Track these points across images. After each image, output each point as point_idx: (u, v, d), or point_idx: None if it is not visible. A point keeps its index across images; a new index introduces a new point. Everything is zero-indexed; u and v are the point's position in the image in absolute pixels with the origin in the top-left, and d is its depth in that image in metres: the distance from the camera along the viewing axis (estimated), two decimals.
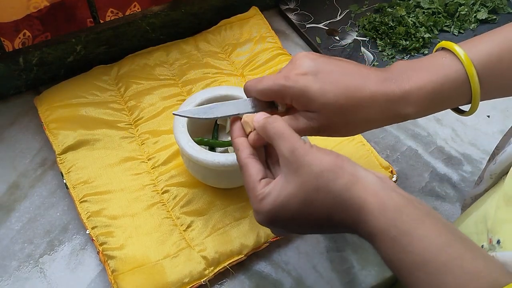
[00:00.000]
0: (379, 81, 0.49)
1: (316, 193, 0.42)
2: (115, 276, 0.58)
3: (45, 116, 0.71)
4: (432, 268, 0.37)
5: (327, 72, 0.48)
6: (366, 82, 0.48)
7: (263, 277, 0.61)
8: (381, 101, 0.48)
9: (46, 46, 0.74)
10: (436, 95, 0.48)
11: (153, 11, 0.80)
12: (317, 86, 0.48)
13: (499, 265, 0.37)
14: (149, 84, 0.76)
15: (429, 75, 0.48)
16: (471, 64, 0.48)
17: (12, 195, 0.66)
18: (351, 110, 0.48)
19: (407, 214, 0.39)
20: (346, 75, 0.49)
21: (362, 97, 0.48)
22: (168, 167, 0.67)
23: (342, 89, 0.48)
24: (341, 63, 0.50)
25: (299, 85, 0.48)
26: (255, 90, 0.51)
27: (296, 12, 0.90)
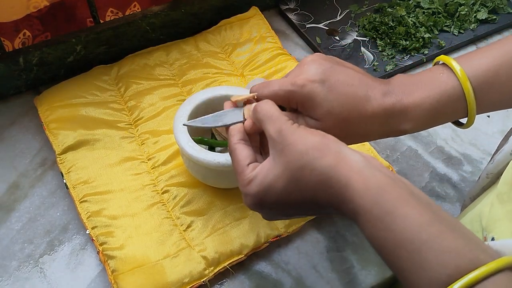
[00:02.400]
0: (381, 94, 0.49)
1: (301, 172, 0.43)
2: (115, 276, 0.58)
3: (45, 116, 0.71)
4: (414, 246, 0.37)
5: (334, 81, 0.49)
6: (370, 95, 0.49)
7: (263, 277, 0.61)
8: (382, 116, 0.49)
9: (46, 46, 0.74)
10: (433, 111, 0.49)
11: (153, 11, 0.80)
12: (323, 94, 0.48)
13: (481, 244, 0.38)
14: (149, 84, 0.76)
15: (427, 91, 0.49)
16: (467, 80, 0.48)
17: (12, 195, 0.66)
18: (353, 122, 0.49)
19: (390, 193, 0.40)
20: (352, 86, 0.49)
21: (365, 111, 0.48)
22: (168, 167, 0.67)
23: (347, 100, 0.48)
24: (348, 72, 0.50)
25: (306, 91, 0.48)
26: (261, 95, 0.51)
27: (296, 12, 0.90)
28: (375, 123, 0.49)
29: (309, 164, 0.42)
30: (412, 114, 0.49)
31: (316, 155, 0.42)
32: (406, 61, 0.83)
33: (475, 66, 0.49)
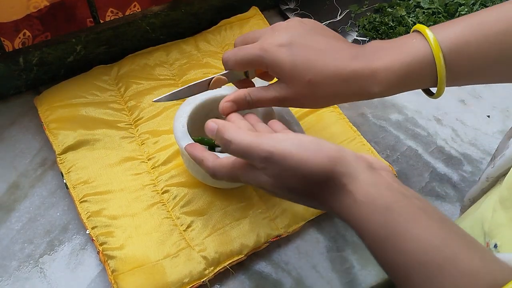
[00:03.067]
0: (350, 58, 0.50)
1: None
2: (115, 276, 0.58)
3: (45, 116, 0.71)
4: (428, 269, 0.36)
5: (301, 47, 0.51)
6: (336, 58, 0.50)
7: (263, 277, 0.61)
8: (348, 78, 0.50)
9: (46, 46, 0.74)
10: (402, 76, 0.50)
11: (153, 11, 0.80)
12: (289, 59, 0.50)
13: (497, 263, 0.36)
14: (149, 84, 0.76)
15: (397, 55, 0.50)
16: (438, 47, 0.48)
17: (12, 195, 0.66)
18: (319, 84, 0.50)
19: (400, 213, 0.39)
20: (318, 51, 0.51)
21: (329, 73, 0.50)
22: (168, 167, 0.67)
23: (311, 64, 0.50)
24: (317, 37, 0.52)
25: (273, 57, 0.51)
26: (233, 59, 0.54)
27: (296, 12, 0.90)
28: (342, 85, 0.50)
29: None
30: (381, 76, 0.50)
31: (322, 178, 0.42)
32: None
33: (448, 34, 0.49)
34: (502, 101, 0.80)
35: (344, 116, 0.74)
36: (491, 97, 0.80)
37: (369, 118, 0.77)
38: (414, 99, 0.80)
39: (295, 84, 0.51)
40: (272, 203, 0.64)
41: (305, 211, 0.63)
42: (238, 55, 0.54)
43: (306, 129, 0.71)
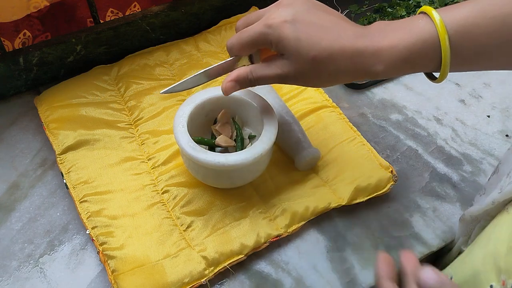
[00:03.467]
0: (354, 37, 0.50)
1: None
2: (115, 276, 0.58)
3: (45, 116, 0.71)
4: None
5: (306, 23, 0.51)
6: (341, 36, 0.50)
7: (263, 277, 0.61)
8: (353, 56, 0.50)
9: (46, 46, 0.74)
10: (406, 55, 0.49)
11: (153, 11, 0.80)
12: (293, 35, 0.50)
13: None
14: (149, 84, 0.76)
15: (402, 35, 0.49)
16: (444, 28, 0.48)
17: (12, 195, 0.66)
18: (322, 61, 0.50)
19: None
20: (323, 28, 0.51)
21: (333, 50, 0.50)
22: (168, 167, 0.67)
23: (316, 41, 0.50)
24: (321, 15, 0.52)
25: (278, 32, 0.51)
26: (238, 43, 0.55)
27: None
28: (347, 62, 0.50)
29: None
30: (385, 55, 0.49)
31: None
32: None
33: (455, 16, 0.48)
34: (502, 101, 0.80)
35: (344, 116, 0.74)
36: (491, 97, 0.80)
37: (369, 118, 0.77)
38: (414, 99, 0.80)
39: (299, 60, 0.51)
40: (272, 203, 0.64)
41: (305, 211, 0.64)
42: (243, 38, 0.54)
43: (306, 129, 0.71)
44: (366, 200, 0.66)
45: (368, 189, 0.66)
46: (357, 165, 0.68)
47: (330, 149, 0.70)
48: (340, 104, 0.77)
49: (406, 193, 0.69)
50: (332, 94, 0.78)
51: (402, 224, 0.65)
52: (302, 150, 0.66)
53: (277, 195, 0.65)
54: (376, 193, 0.66)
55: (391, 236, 0.64)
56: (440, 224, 0.66)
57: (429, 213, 0.67)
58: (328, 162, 0.68)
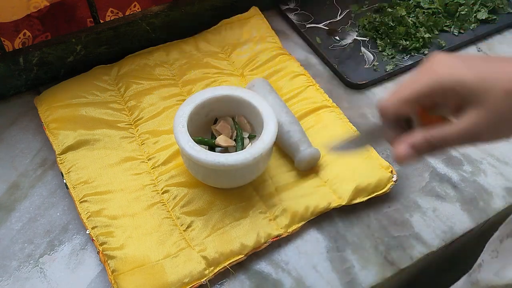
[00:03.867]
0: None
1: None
2: (115, 276, 0.58)
3: (45, 116, 0.72)
4: None
5: (472, 59, 0.43)
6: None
7: (263, 277, 0.61)
8: None
9: (46, 46, 0.74)
10: None
11: (153, 11, 0.80)
12: (471, 71, 0.42)
13: None
14: (149, 84, 0.76)
15: None
16: None
17: (12, 195, 0.66)
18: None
19: None
20: (491, 61, 0.44)
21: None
22: (168, 167, 0.67)
23: (497, 72, 0.42)
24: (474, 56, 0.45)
25: (451, 76, 0.43)
26: (396, 100, 0.45)
27: (296, 12, 0.90)
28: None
29: None
30: None
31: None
32: (406, 61, 0.83)
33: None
34: None
35: (344, 116, 0.74)
36: None
37: (369, 118, 0.77)
38: None
39: (489, 100, 0.41)
40: (272, 203, 0.64)
41: (305, 211, 0.64)
42: (403, 93, 0.45)
43: (306, 129, 0.72)
44: (366, 200, 0.66)
45: (368, 189, 0.66)
46: (357, 165, 0.68)
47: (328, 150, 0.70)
48: (340, 104, 0.77)
49: (406, 193, 0.69)
50: (332, 94, 0.78)
51: (402, 224, 0.65)
52: (302, 150, 0.66)
53: (277, 195, 0.65)
54: (376, 193, 0.66)
55: (391, 236, 0.64)
56: (440, 224, 0.66)
57: (429, 213, 0.67)
58: (328, 162, 0.68)
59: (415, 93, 0.44)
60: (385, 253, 0.63)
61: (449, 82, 0.43)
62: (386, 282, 0.62)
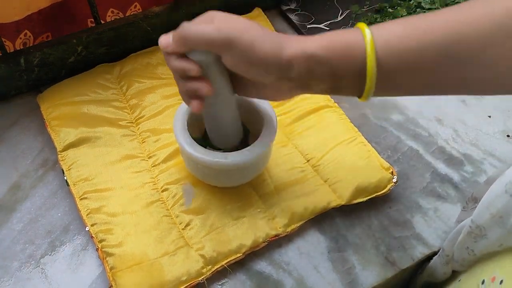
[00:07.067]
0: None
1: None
2: (114, 273, 0.58)
3: (47, 113, 0.72)
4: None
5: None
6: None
7: (264, 277, 0.61)
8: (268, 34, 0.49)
9: (47, 47, 0.74)
10: (328, 43, 0.47)
11: (154, 11, 0.80)
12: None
13: None
14: (151, 83, 0.76)
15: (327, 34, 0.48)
16: (372, 36, 0.46)
17: (14, 195, 0.66)
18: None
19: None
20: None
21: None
22: (168, 165, 0.67)
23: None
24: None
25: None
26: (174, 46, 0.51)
27: (297, 13, 0.90)
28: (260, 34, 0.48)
29: None
30: (303, 39, 0.48)
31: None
32: None
33: (383, 29, 0.46)
34: (503, 102, 0.80)
35: (346, 116, 0.74)
36: (492, 98, 0.80)
37: (370, 118, 0.77)
38: (415, 99, 0.80)
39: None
40: (271, 203, 0.64)
41: (304, 211, 0.64)
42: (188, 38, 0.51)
43: (307, 129, 0.72)
44: (366, 200, 0.66)
45: (368, 189, 0.66)
46: (358, 166, 0.68)
47: (330, 148, 0.70)
48: (341, 104, 0.77)
49: (407, 194, 0.69)
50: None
51: (403, 225, 0.65)
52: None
53: (276, 194, 0.65)
54: (376, 193, 0.66)
55: (392, 236, 0.64)
56: (441, 224, 0.66)
57: (430, 214, 0.67)
58: (328, 162, 0.68)
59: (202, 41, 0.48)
60: (386, 253, 0.63)
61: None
62: (387, 283, 0.62)
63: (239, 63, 0.48)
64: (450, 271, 0.58)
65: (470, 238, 0.49)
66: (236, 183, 0.64)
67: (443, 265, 0.58)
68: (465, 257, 0.52)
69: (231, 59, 0.48)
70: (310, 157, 0.69)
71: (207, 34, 0.47)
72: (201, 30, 0.47)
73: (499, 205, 0.44)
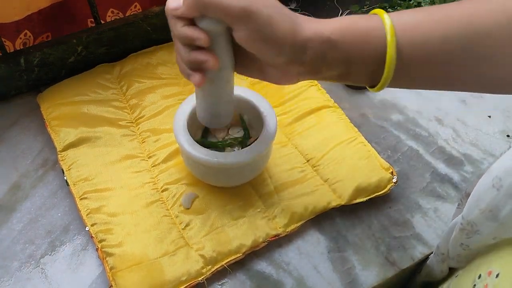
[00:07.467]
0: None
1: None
2: (113, 273, 0.58)
3: (47, 113, 0.72)
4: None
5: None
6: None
7: (264, 277, 0.61)
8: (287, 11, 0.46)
9: (47, 47, 0.74)
10: (347, 26, 0.45)
11: (154, 11, 0.80)
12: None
13: None
14: (151, 83, 0.76)
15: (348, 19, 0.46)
16: (392, 24, 0.44)
17: (14, 195, 0.66)
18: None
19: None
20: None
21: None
22: (168, 165, 0.67)
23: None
24: None
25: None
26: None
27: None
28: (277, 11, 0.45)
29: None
30: (321, 22, 0.46)
31: None
32: None
33: (400, 15, 0.45)
34: (503, 101, 0.80)
35: (345, 117, 0.74)
36: (492, 97, 0.80)
37: (370, 118, 0.77)
38: (415, 99, 0.80)
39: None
40: (271, 203, 0.64)
41: (304, 211, 0.64)
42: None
43: (307, 129, 0.72)
44: (366, 200, 0.66)
45: (368, 189, 0.66)
46: (358, 166, 0.68)
47: (330, 149, 0.70)
48: (341, 104, 0.77)
49: (407, 194, 0.69)
50: (333, 95, 0.78)
51: (403, 225, 0.65)
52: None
53: (276, 194, 0.65)
54: (376, 193, 0.66)
55: (392, 236, 0.64)
56: (441, 224, 0.66)
57: (430, 214, 0.67)
58: (328, 162, 0.68)
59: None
60: (386, 253, 0.63)
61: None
62: (387, 283, 0.62)
63: (253, 39, 0.45)
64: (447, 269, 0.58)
65: (463, 234, 0.48)
66: (236, 182, 0.64)
67: (439, 263, 0.57)
68: (461, 253, 0.51)
69: (245, 33, 0.44)
70: (310, 157, 0.69)
71: (225, 0, 0.43)
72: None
73: (488, 199, 0.43)
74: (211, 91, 0.53)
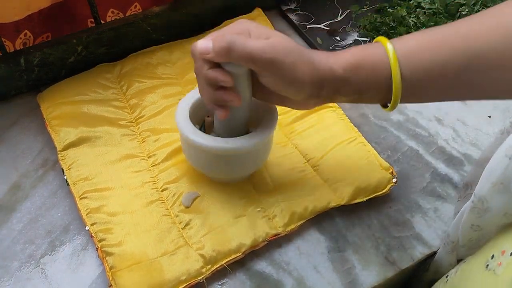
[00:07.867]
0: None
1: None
2: (113, 272, 0.58)
3: (47, 112, 0.72)
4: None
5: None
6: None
7: (264, 277, 0.61)
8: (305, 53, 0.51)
9: (47, 47, 0.74)
10: (357, 57, 0.51)
11: (154, 11, 0.80)
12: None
13: None
14: (151, 82, 0.76)
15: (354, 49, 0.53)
16: (395, 54, 0.50)
17: (14, 195, 0.66)
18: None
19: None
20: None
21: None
22: (168, 165, 0.67)
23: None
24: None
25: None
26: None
27: (297, 13, 0.90)
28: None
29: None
30: (337, 56, 0.52)
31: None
32: None
33: (402, 41, 0.52)
34: (503, 101, 0.80)
35: (345, 116, 0.74)
36: None
37: (370, 118, 0.77)
38: None
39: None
40: (271, 202, 0.64)
41: (304, 210, 0.64)
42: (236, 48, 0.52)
43: (307, 129, 0.72)
44: (366, 200, 0.66)
45: (368, 189, 0.66)
46: (358, 166, 0.68)
47: (330, 149, 0.70)
48: (341, 104, 0.77)
49: (407, 194, 0.69)
50: None
51: (403, 225, 0.65)
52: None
53: (276, 194, 0.65)
54: (376, 193, 0.66)
55: (392, 236, 0.64)
56: (441, 224, 0.66)
57: (430, 214, 0.67)
58: (328, 162, 0.68)
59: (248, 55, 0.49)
60: (386, 253, 0.63)
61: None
62: (387, 283, 0.62)
63: (277, 83, 0.51)
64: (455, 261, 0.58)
65: (474, 214, 0.49)
66: (236, 174, 0.64)
67: (449, 254, 0.58)
68: (472, 237, 0.52)
69: (271, 79, 0.51)
70: (310, 157, 0.69)
71: (254, 52, 0.48)
72: (249, 47, 0.48)
73: (499, 171, 0.45)
74: (231, 119, 0.59)
